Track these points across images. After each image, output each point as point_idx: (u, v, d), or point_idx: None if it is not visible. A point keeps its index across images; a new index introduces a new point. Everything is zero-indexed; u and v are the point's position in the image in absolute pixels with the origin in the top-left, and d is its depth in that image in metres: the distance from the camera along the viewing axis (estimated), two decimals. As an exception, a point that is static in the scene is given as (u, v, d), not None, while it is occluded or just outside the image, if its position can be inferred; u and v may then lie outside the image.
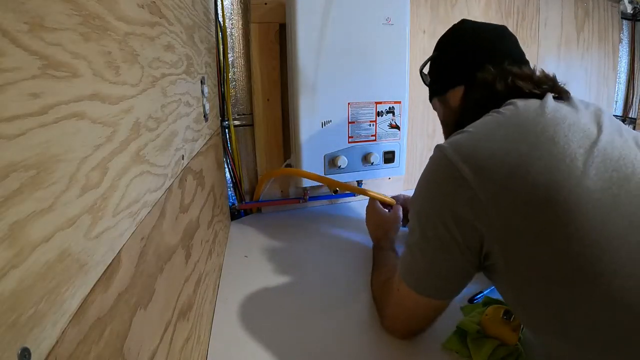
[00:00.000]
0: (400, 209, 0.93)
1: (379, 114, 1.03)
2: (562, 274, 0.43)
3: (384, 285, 0.66)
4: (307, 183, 1.01)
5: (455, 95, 0.68)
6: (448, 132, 0.73)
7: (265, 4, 1.01)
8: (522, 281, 0.47)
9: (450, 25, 0.74)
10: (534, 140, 0.47)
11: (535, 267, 0.45)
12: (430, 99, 0.77)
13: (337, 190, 1.07)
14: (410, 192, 0.58)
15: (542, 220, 0.44)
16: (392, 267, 0.71)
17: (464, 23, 0.73)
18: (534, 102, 0.53)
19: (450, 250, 0.51)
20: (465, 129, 0.53)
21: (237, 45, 1.05)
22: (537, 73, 0.60)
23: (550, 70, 0.60)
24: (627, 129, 0.52)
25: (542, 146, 0.46)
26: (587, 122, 0.49)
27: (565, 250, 0.42)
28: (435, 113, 0.77)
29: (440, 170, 0.52)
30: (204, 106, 0.71)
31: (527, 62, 0.67)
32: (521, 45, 0.69)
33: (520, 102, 0.54)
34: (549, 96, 0.55)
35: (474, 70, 0.63)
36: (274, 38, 1.03)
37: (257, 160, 1.11)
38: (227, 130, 1.05)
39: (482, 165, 0.48)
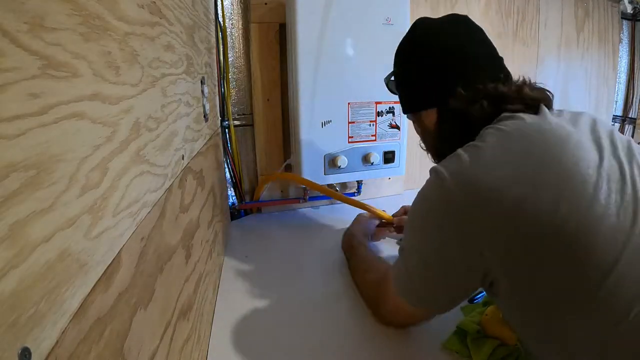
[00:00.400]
0: (373, 223, 0.93)
1: (379, 114, 1.03)
2: (575, 305, 0.42)
3: (374, 287, 0.66)
4: (307, 183, 1.02)
5: (429, 117, 0.64)
6: (428, 149, 0.70)
7: (265, 4, 1.01)
8: (528, 309, 0.46)
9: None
10: (540, 164, 0.45)
11: (543, 297, 0.44)
12: (404, 112, 0.73)
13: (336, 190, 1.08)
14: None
15: (551, 254, 0.42)
16: (376, 263, 0.72)
17: (422, 25, 0.67)
18: (533, 119, 0.51)
19: (449, 278, 0.50)
20: (465, 150, 0.50)
21: (237, 45, 1.05)
22: (517, 80, 0.57)
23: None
24: (620, 137, 0.50)
25: (549, 171, 0.44)
26: (588, 139, 0.48)
27: (577, 282, 0.41)
28: None
29: (439, 204, 0.49)
30: (204, 106, 0.71)
31: (500, 62, 0.63)
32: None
33: (520, 118, 0.51)
34: (545, 110, 0.52)
35: (446, 93, 0.59)
36: (274, 38, 1.03)
37: (257, 160, 1.11)
38: (227, 130, 1.05)
39: (486, 198, 0.45)
